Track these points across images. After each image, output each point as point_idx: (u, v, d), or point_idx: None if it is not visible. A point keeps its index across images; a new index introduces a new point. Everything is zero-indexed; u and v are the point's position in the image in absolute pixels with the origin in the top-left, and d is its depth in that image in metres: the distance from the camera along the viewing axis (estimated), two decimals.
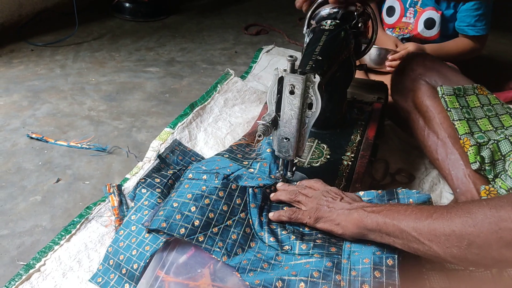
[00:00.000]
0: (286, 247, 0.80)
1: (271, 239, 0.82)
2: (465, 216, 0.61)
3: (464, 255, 0.62)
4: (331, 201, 0.80)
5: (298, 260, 0.77)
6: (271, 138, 1.04)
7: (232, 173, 0.96)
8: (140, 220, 0.90)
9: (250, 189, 0.89)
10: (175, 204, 0.83)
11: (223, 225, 0.83)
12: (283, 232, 0.83)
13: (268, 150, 1.02)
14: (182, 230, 0.79)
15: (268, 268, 0.77)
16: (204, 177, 0.95)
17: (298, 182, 0.92)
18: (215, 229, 0.82)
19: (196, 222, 0.80)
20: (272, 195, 0.90)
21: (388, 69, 1.48)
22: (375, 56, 1.52)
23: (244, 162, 1.01)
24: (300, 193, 0.86)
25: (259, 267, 0.77)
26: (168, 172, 1.04)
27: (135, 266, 0.82)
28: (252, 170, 0.98)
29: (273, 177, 0.95)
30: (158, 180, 0.99)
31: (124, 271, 0.83)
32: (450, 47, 1.49)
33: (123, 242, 0.87)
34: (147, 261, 0.81)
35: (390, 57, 1.46)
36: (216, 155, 1.06)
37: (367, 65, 1.48)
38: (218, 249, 0.79)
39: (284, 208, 0.89)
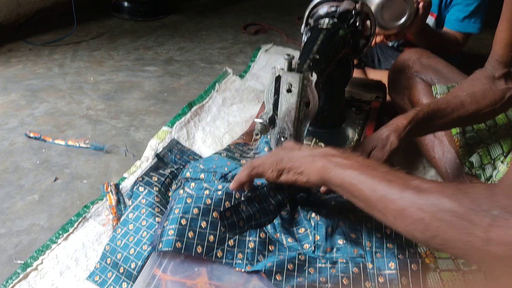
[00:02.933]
0: (307, 246, 0.79)
1: (289, 239, 0.81)
2: (435, 206, 0.55)
3: (426, 241, 0.57)
4: (289, 151, 0.74)
5: (322, 264, 0.76)
6: (268, 137, 1.04)
7: (230, 171, 0.96)
8: (138, 218, 0.90)
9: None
10: (183, 221, 0.79)
11: (237, 236, 0.81)
12: (300, 231, 0.83)
13: (265, 149, 1.02)
14: (199, 249, 0.77)
15: (293, 269, 0.76)
16: (202, 175, 0.95)
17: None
18: (231, 242, 0.80)
19: (211, 238, 0.78)
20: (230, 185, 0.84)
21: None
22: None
23: (242, 161, 1.01)
24: (253, 161, 0.79)
25: (285, 268, 0.76)
26: (166, 171, 1.04)
27: (132, 265, 0.82)
28: None
29: None
30: (156, 179, 0.99)
31: (122, 270, 0.82)
32: (440, 32, 1.45)
33: (121, 240, 0.87)
34: (145, 260, 0.81)
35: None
36: (214, 154, 1.06)
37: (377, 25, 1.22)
38: (240, 261, 0.77)
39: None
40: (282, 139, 0.86)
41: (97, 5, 2.41)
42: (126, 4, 2.32)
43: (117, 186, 1.06)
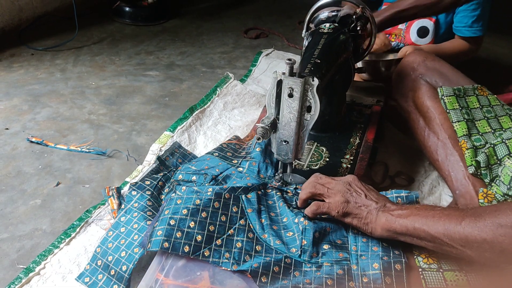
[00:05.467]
0: (293, 250, 0.80)
1: (277, 241, 0.81)
2: (494, 224, 0.63)
3: (498, 259, 0.64)
4: (356, 196, 0.80)
5: (308, 268, 0.77)
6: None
7: (221, 173, 0.97)
8: (129, 221, 0.91)
9: (243, 196, 0.89)
10: (172, 222, 0.80)
11: (225, 236, 0.81)
12: (288, 235, 0.83)
13: (257, 149, 1.02)
14: (187, 248, 0.78)
15: (279, 272, 0.77)
16: (194, 178, 0.96)
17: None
18: (219, 241, 0.80)
19: (199, 238, 0.79)
20: (298, 201, 0.89)
21: None
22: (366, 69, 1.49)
23: (233, 161, 1.02)
24: (319, 183, 0.84)
25: (271, 270, 0.76)
26: (159, 174, 1.04)
27: (124, 268, 0.82)
28: (241, 169, 0.99)
29: (261, 177, 0.96)
30: (148, 183, 1.00)
31: (113, 272, 0.83)
32: (447, 48, 1.49)
33: (112, 243, 0.87)
34: (136, 263, 0.82)
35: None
36: (207, 153, 1.07)
37: (365, 79, 1.46)
38: (226, 260, 0.78)
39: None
40: (284, 143, 0.86)
41: (98, 10, 2.42)
42: (127, 9, 2.33)
43: (118, 190, 1.06)
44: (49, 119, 1.41)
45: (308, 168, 1.03)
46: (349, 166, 1.03)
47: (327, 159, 1.05)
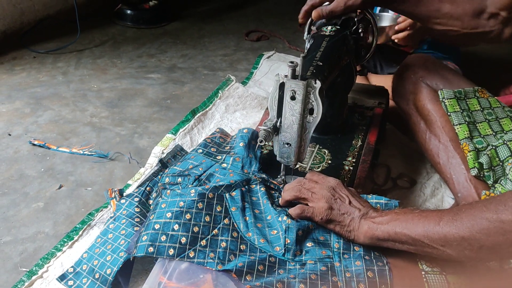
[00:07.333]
0: (277, 248, 0.81)
1: (261, 240, 0.82)
2: (470, 222, 0.65)
3: (477, 256, 0.66)
4: (340, 203, 0.81)
5: (292, 266, 0.79)
6: (244, 131, 1.05)
7: (204, 171, 0.98)
8: (117, 228, 0.92)
9: (227, 194, 0.90)
10: (156, 226, 0.81)
11: (209, 236, 0.82)
12: (272, 233, 0.84)
13: (241, 144, 1.03)
14: (171, 251, 0.78)
15: (263, 270, 0.78)
16: (179, 180, 0.97)
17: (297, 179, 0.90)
18: (203, 242, 0.81)
19: (183, 240, 0.80)
20: (280, 200, 0.90)
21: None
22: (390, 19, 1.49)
23: (217, 157, 1.03)
24: (304, 188, 0.85)
25: (255, 269, 0.78)
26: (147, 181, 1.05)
27: (108, 271, 0.83)
28: (225, 165, 1.00)
29: (246, 172, 0.97)
30: (136, 190, 1.01)
31: (97, 275, 0.84)
32: None
33: (99, 248, 0.88)
34: (120, 266, 0.83)
35: (397, 27, 1.42)
36: (191, 151, 1.08)
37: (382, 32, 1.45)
38: (211, 260, 0.78)
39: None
40: (286, 146, 0.86)
41: (100, 13, 2.43)
42: (128, 11, 2.34)
43: (121, 191, 1.06)
44: (51, 122, 1.42)
45: (310, 171, 1.03)
46: (351, 168, 1.03)
47: (329, 162, 1.05)
